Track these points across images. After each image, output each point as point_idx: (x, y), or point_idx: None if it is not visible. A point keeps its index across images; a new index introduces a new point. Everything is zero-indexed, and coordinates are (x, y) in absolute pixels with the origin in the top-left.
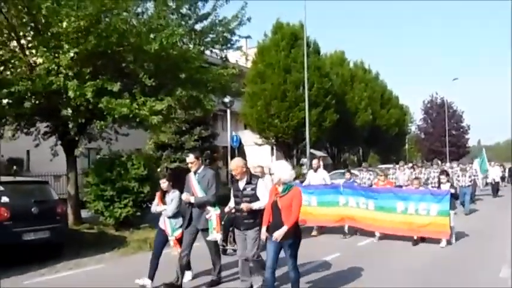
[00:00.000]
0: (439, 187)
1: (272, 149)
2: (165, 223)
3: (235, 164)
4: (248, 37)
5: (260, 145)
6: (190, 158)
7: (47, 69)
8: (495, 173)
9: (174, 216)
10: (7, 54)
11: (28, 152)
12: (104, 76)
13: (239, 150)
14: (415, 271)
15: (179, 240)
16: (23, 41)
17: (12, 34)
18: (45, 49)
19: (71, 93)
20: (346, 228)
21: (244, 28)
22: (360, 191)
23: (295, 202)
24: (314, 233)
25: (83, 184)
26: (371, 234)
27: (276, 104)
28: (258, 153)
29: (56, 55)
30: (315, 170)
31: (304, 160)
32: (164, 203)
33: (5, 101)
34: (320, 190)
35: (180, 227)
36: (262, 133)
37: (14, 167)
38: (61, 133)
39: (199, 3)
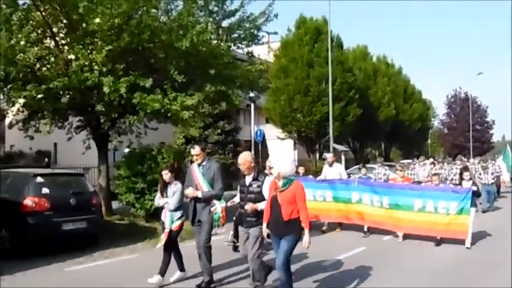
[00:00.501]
0: (460, 184)
1: (295, 143)
2: (166, 216)
3: (243, 158)
4: (275, 33)
5: (283, 139)
6: (196, 149)
7: (82, 65)
8: None
9: (176, 208)
10: (43, 51)
11: (55, 144)
12: (136, 72)
13: (262, 145)
14: (431, 272)
15: (172, 234)
16: (57, 38)
17: (48, 31)
18: (81, 46)
19: (106, 89)
20: (365, 227)
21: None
22: (374, 188)
23: (299, 197)
24: (324, 228)
25: (113, 176)
26: (393, 232)
27: (299, 99)
28: (281, 147)
29: (91, 52)
30: (330, 165)
31: (326, 155)
32: (166, 196)
33: (39, 96)
34: (334, 185)
35: (179, 218)
36: (285, 127)
37: (46, 160)
38: (93, 127)
39: (227, 0)
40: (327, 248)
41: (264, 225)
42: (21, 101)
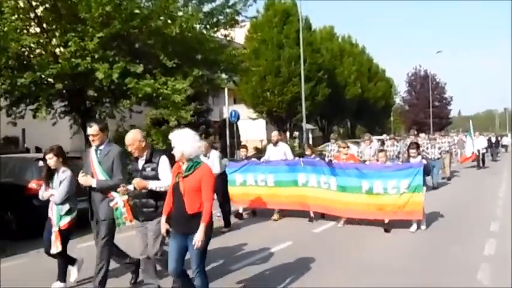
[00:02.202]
0: (408, 160)
1: (266, 123)
2: (52, 211)
3: (131, 137)
4: (254, 17)
5: (254, 119)
6: (94, 128)
7: (73, 52)
8: (480, 144)
9: (63, 202)
10: (31, 39)
11: (23, 130)
12: (126, 58)
13: (231, 125)
14: (371, 266)
15: (63, 233)
16: (45, 26)
17: (35, 19)
18: (73, 34)
19: (100, 75)
20: (311, 212)
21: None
22: (321, 167)
23: (205, 185)
24: (275, 216)
25: None
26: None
27: (271, 79)
28: (252, 127)
29: (82, 39)
30: (275, 144)
31: (297, 133)
32: (52, 187)
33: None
34: (278, 167)
35: (67, 214)
36: (256, 107)
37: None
38: (82, 112)
39: None
40: (256, 240)
41: (163, 218)
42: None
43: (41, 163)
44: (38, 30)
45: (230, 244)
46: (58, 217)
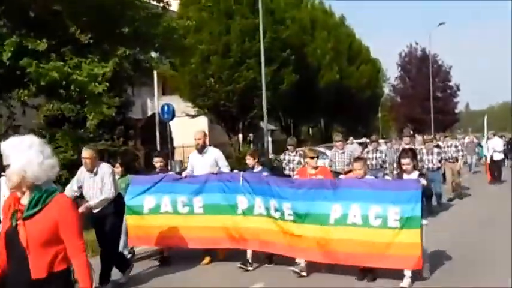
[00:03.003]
0: (400, 176)
1: (211, 121)
2: None
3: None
4: None
5: (193, 117)
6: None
7: None
8: (496, 146)
9: None
10: None
11: None
12: (20, 31)
13: (163, 125)
14: None
15: None
16: None
17: None
18: None
19: None
20: (249, 253)
21: None
22: (271, 186)
23: (67, 230)
24: (206, 260)
25: None
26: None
27: (216, 61)
28: (190, 128)
29: None
30: (200, 150)
31: (251, 136)
32: None
33: None
34: (209, 184)
35: None
36: (196, 100)
37: None
38: None
39: None
40: None
41: None
42: None
43: None
44: None
45: None
46: None
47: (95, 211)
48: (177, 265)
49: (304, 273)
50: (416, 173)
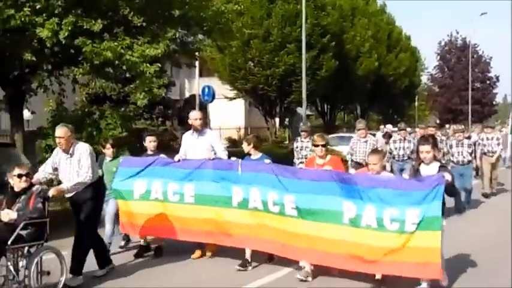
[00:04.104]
0: (418, 167)
1: (249, 104)
2: None
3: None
4: None
5: (231, 99)
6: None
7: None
8: None
9: None
10: None
11: None
12: (76, 11)
13: (201, 106)
14: None
15: None
16: None
17: None
18: None
19: (44, 33)
20: (247, 252)
21: None
22: (271, 176)
23: None
24: (196, 254)
25: (39, 148)
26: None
27: (257, 45)
28: (227, 110)
29: None
30: (197, 130)
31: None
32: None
33: None
34: (202, 171)
35: None
36: (235, 83)
37: None
38: (11, 83)
39: None
40: None
41: None
42: None
43: None
44: None
45: None
46: None
47: (68, 195)
48: (167, 257)
49: (309, 279)
50: (437, 164)
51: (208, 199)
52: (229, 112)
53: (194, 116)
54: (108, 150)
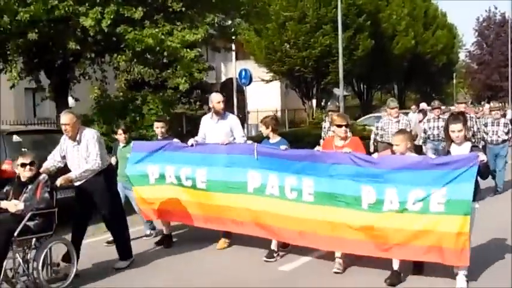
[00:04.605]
0: (448, 148)
1: (286, 86)
2: None
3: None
4: None
5: (268, 81)
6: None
7: None
8: None
9: None
10: None
11: None
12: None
13: (238, 89)
14: None
15: None
16: None
17: None
18: None
19: (88, 22)
20: (273, 242)
21: None
22: (289, 161)
23: None
24: (221, 243)
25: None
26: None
27: (292, 27)
28: (263, 93)
29: None
30: (217, 114)
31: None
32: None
33: None
34: (216, 156)
35: None
36: (271, 66)
37: None
38: (56, 71)
39: None
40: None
41: None
42: None
43: (16, 138)
44: None
45: None
46: None
47: (77, 183)
48: (191, 242)
49: (338, 268)
50: (469, 144)
51: (221, 185)
52: (265, 95)
53: (217, 99)
54: (121, 136)
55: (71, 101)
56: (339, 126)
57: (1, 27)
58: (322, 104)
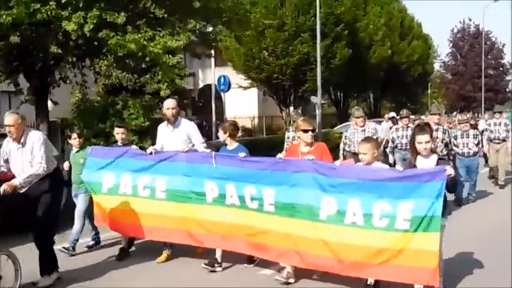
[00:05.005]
0: (413, 161)
1: (264, 93)
2: None
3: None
4: None
5: (246, 88)
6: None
7: None
8: None
9: None
10: None
11: None
12: (100, 4)
13: (216, 95)
14: None
15: None
16: None
17: None
18: None
19: (70, 26)
20: (218, 251)
21: None
22: (249, 169)
23: None
24: (163, 256)
25: (65, 137)
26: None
27: (271, 35)
28: (240, 100)
29: None
30: (172, 122)
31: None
32: None
33: None
34: (175, 164)
35: None
36: (249, 73)
37: None
38: (36, 75)
39: None
40: None
41: None
42: None
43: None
44: None
45: None
46: None
47: (22, 190)
48: (134, 259)
49: (292, 280)
50: (435, 156)
51: (181, 195)
52: (243, 101)
53: (166, 105)
54: (75, 140)
55: (49, 104)
56: (305, 131)
57: None
58: (299, 111)
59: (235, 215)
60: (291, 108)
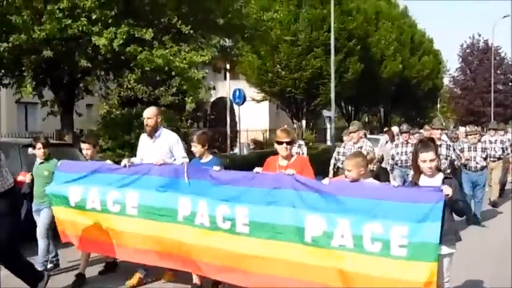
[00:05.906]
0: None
1: (277, 107)
2: None
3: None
4: None
5: (258, 101)
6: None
7: (63, 10)
8: None
9: None
10: None
11: None
12: (127, 20)
13: (230, 109)
14: None
15: None
16: None
17: None
18: None
19: (101, 41)
20: (195, 277)
21: None
22: (222, 186)
23: None
24: (133, 279)
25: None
26: None
27: (285, 49)
28: (252, 112)
29: None
30: (150, 133)
31: (331, 126)
32: None
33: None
34: (148, 178)
35: None
36: (262, 86)
37: None
38: (65, 87)
39: None
40: None
41: None
42: None
43: (30, 150)
44: None
45: None
46: None
47: None
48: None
49: None
50: (441, 175)
51: (153, 212)
52: (255, 114)
53: (145, 114)
54: (39, 151)
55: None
56: (279, 143)
57: (18, 44)
58: (311, 124)
59: (204, 238)
60: (303, 122)
